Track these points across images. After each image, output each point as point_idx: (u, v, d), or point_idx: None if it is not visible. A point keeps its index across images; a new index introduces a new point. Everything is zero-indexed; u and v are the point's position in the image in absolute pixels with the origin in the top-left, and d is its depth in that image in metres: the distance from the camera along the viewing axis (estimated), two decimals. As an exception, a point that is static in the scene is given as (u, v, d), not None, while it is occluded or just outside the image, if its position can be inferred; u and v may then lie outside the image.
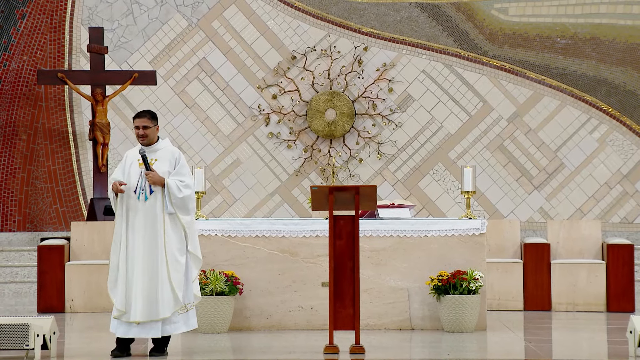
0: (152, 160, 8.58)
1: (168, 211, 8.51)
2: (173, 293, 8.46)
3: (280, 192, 15.06)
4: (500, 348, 9.48)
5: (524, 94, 14.96)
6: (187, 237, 8.56)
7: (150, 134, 8.60)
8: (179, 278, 8.50)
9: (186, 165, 8.64)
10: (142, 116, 8.62)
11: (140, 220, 8.49)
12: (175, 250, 8.51)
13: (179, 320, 8.55)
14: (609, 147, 14.84)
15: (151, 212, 8.50)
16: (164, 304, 8.44)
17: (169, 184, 8.50)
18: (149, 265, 8.46)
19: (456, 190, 14.89)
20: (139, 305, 8.41)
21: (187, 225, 8.56)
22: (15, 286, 13.88)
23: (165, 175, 8.53)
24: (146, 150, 8.59)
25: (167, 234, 8.50)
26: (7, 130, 14.99)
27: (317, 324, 10.30)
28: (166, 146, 8.68)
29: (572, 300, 12.10)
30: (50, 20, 15.11)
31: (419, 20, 15.05)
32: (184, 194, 8.51)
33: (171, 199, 8.49)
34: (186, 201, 8.53)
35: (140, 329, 8.47)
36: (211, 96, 15.13)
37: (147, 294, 8.43)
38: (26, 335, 8.17)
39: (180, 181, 8.53)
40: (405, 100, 15.04)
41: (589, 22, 14.93)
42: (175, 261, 8.49)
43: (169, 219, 8.52)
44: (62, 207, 15.01)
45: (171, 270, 8.47)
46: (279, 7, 15.14)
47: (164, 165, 8.57)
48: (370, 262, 10.35)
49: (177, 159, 8.61)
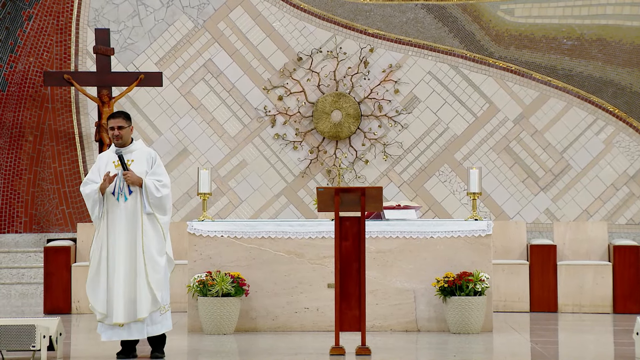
0: (128, 161, 8.60)
1: (146, 211, 8.52)
2: (151, 293, 8.47)
3: (286, 193, 15.06)
4: (506, 349, 9.46)
5: (530, 95, 14.94)
6: (165, 237, 8.57)
7: (124, 135, 8.62)
8: (157, 278, 8.50)
9: (162, 165, 8.68)
10: (116, 117, 8.66)
11: (120, 221, 8.52)
12: (154, 251, 8.52)
13: (161, 320, 8.57)
14: (615, 149, 14.83)
15: (131, 212, 8.52)
16: (142, 305, 8.45)
17: (146, 184, 8.52)
18: (128, 266, 8.48)
19: (462, 191, 14.88)
20: (120, 307, 8.43)
21: (164, 225, 8.58)
22: (21, 287, 13.90)
23: (143, 176, 8.56)
24: (122, 151, 8.62)
25: (146, 235, 8.51)
26: (14, 131, 15.01)
27: (323, 325, 10.30)
28: (141, 147, 8.71)
29: (578, 301, 12.08)
30: (56, 22, 15.13)
31: (425, 21, 15.05)
32: (162, 193, 8.53)
33: (149, 199, 8.51)
34: (164, 201, 8.55)
35: (124, 331, 8.48)
36: (217, 97, 15.13)
37: (127, 295, 8.46)
38: (32, 337, 8.18)
39: (158, 181, 8.55)
40: (411, 102, 15.03)
41: (596, 23, 14.91)
42: (153, 262, 8.50)
43: (147, 220, 8.54)
44: (69, 209, 15.02)
45: (149, 271, 8.47)
46: (284, 9, 15.15)
47: (141, 166, 8.60)
48: (376, 263, 10.34)
49: (153, 159, 8.64)
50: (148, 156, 8.64)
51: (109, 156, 8.69)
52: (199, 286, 10.17)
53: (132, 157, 8.64)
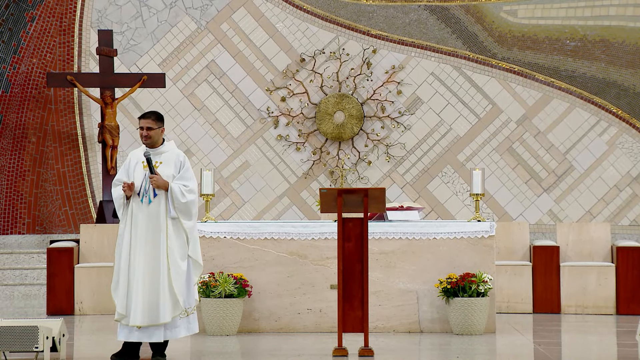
0: (156, 163, 8.49)
1: (171, 215, 8.42)
2: (173, 298, 8.38)
3: (289, 194, 15.06)
4: (509, 351, 9.46)
5: (533, 96, 14.94)
6: (188, 242, 8.48)
7: (153, 136, 8.50)
8: (180, 283, 8.41)
9: (191, 170, 8.55)
10: (147, 117, 8.52)
11: (143, 223, 8.41)
12: (177, 256, 8.42)
13: (181, 324, 8.49)
14: (619, 150, 14.82)
15: (154, 215, 8.42)
16: (165, 309, 8.37)
17: (172, 189, 8.40)
18: (150, 270, 8.39)
19: (465, 192, 14.87)
20: (139, 309, 8.35)
21: (189, 230, 8.47)
22: (24, 288, 13.91)
23: (170, 179, 8.44)
24: (151, 152, 8.50)
25: (170, 239, 8.41)
26: (17, 132, 15.02)
27: (326, 327, 10.30)
28: (171, 149, 8.57)
29: (581, 302, 12.07)
30: (59, 23, 15.14)
31: (428, 22, 15.05)
32: (187, 199, 8.41)
33: (174, 203, 8.39)
34: (189, 206, 8.44)
35: (142, 333, 8.41)
36: (220, 99, 15.14)
37: (147, 298, 8.37)
38: (35, 338, 8.18)
39: (184, 186, 8.43)
40: (414, 103, 15.03)
41: (599, 24, 14.90)
42: (177, 266, 8.40)
43: (171, 224, 8.44)
44: (72, 210, 15.03)
45: (173, 275, 8.39)
46: (287, 10, 15.15)
47: (169, 169, 8.48)
48: (379, 264, 10.34)
49: (182, 163, 8.50)
50: (177, 159, 8.49)
51: (139, 156, 8.54)
52: (202, 287, 10.17)
53: (161, 158, 8.50)
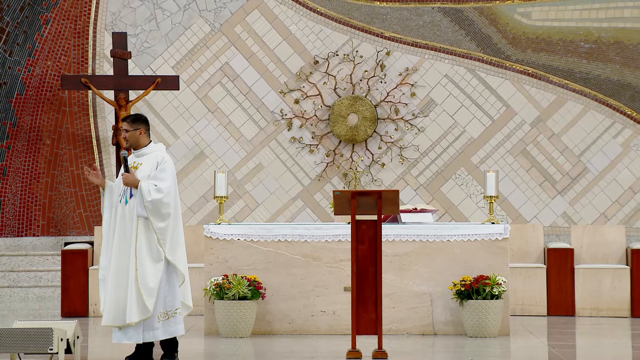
0: (137, 164, 8.49)
1: (138, 214, 8.36)
2: (140, 300, 8.29)
3: (302, 196, 15.06)
4: (523, 353, 9.44)
5: (547, 99, 14.91)
6: (163, 245, 8.35)
7: (129, 138, 8.52)
8: (148, 285, 8.29)
9: (167, 171, 8.43)
10: (124, 120, 8.59)
11: (120, 223, 8.43)
12: (146, 257, 8.33)
13: (160, 326, 8.39)
14: (633, 152, 14.77)
15: (129, 216, 8.41)
16: (132, 310, 8.28)
17: (141, 187, 8.37)
18: (120, 270, 8.37)
19: (479, 194, 14.85)
20: (107, 309, 8.37)
21: (159, 231, 8.34)
22: (39, 290, 13.94)
23: (145, 179, 8.44)
24: (133, 153, 8.55)
25: (139, 239, 8.36)
26: (32, 135, 15.07)
27: (340, 329, 10.29)
28: (155, 151, 8.56)
29: (596, 305, 12.04)
30: (74, 26, 15.18)
31: (441, 24, 15.03)
32: (152, 197, 8.31)
33: (142, 202, 8.35)
34: (157, 205, 8.34)
35: (122, 334, 8.41)
36: (234, 101, 15.15)
37: (114, 297, 8.35)
38: (50, 340, 8.20)
39: (154, 185, 8.37)
40: (427, 105, 15.02)
41: (613, 26, 14.86)
42: (144, 268, 8.31)
43: (142, 224, 8.39)
44: (86, 212, 15.07)
45: (139, 277, 8.31)
46: (301, 12, 15.16)
47: (147, 170, 8.47)
48: (393, 266, 10.33)
49: (158, 163, 8.45)
50: (154, 160, 8.48)
51: None
52: (216, 289, 10.18)
53: (141, 160, 8.52)
